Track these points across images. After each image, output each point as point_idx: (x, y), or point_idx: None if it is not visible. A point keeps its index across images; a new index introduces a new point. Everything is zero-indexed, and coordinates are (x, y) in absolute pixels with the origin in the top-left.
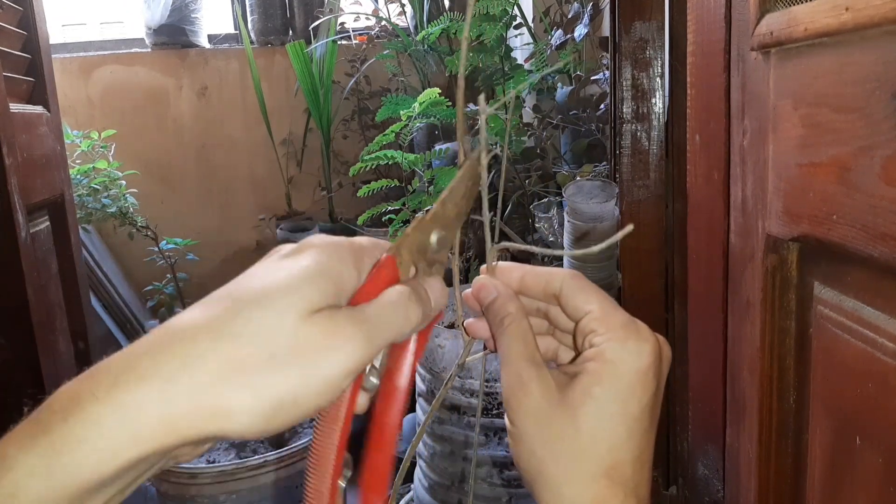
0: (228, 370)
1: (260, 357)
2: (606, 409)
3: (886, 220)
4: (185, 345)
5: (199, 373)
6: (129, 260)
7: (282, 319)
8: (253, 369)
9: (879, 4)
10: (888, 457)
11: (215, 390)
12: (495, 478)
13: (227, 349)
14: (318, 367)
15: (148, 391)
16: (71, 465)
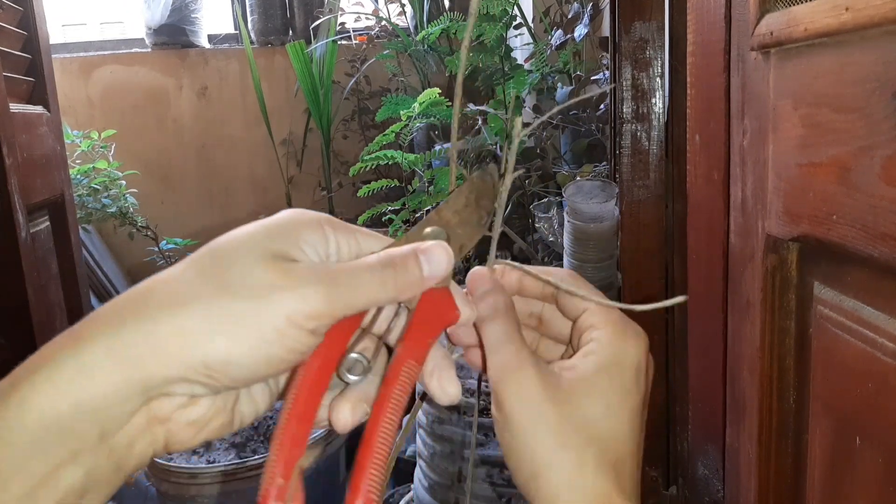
0: (189, 323)
1: (220, 296)
2: (611, 400)
3: (886, 220)
4: (148, 294)
5: (162, 323)
6: (129, 260)
7: (239, 259)
8: (215, 306)
9: (879, 4)
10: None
11: (178, 331)
12: (495, 477)
13: (189, 294)
14: (276, 302)
15: (108, 336)
16: (26, 401)
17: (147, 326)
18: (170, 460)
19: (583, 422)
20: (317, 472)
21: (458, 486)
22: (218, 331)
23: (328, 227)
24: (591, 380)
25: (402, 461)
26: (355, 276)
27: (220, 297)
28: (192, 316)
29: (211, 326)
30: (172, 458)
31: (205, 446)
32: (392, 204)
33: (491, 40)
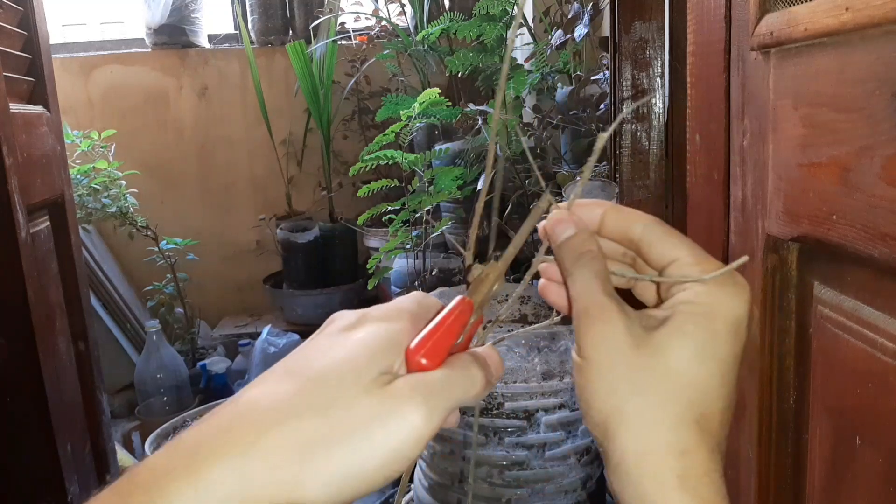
0: (299, 446)
1: (327, 432)
2: (701, 350)
3: (886, 220)
4: (255, 423)
5: (272, 448)
6: (129, 260)
7: (342, 393)
8: (321, 445)
9: (879, 4)
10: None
11: (287, 466)
12: (495, 478)
13: (295, 426)
14: (380, 438)
15: (223, 469)
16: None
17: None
18: None
19: (665, 372)
20: None
21: (458, 486)
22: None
23: (417, 320)
24: (680, 328)
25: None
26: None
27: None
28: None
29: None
30: None
31: None
32: (392, 204)
33: (491, 40)
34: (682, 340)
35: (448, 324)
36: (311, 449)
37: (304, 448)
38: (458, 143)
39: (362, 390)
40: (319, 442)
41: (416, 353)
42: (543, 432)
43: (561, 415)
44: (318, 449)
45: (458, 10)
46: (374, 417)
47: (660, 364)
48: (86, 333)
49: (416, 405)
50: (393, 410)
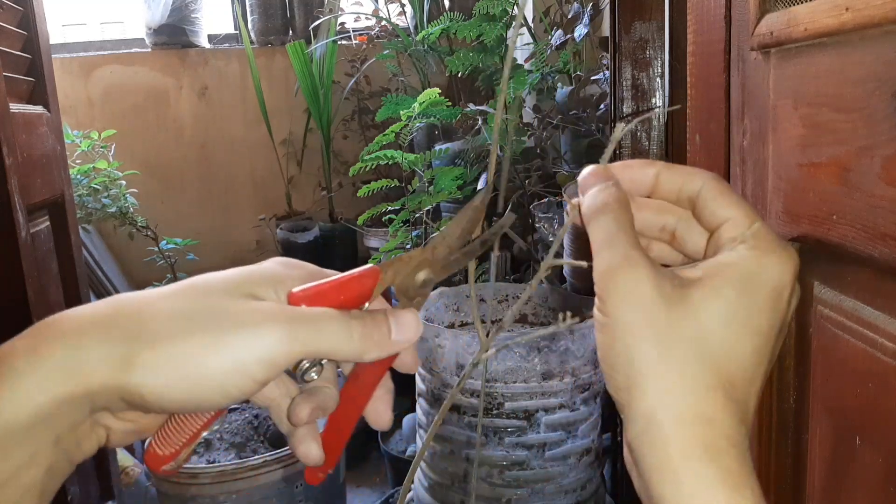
0: (141, 329)
1: (175, 321)
2: (737, 316)
3: (886, 220)
4: (110, 308)
5: (113, 330)
6: (129, 260)
7: (208, 297)
8: (164, 330)
9: (879, 4)
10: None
11: (122, 344)
12: (495, 478)
13: (147, 314)
14: (227, 340)
15: (60, 343)
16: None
17: (101, 347)
18: None
19: (695, 333)
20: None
21: (458, 486)
22: (161, 369)
23: (316, 279)
24: (716, 288)
25: (402, 461)
26: (320, 320)
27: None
28: (144, 346)
29: (156, 363)
30: None
31: (205, 446)
32: (392, 204)
33: (491, 40)
34: (718, 302)
35: (343, 281)
36: (153, 333)
37: (146, 331)
38: (458, 143)
39: (226, 296)
40: (163, 328)
41: (298, 295)
42: (543, 432)
43: (561, 415)
44: (159, 334)
45: (458, 10)
46: (228, 322)
47: (690, 325)
48: None
49: (277, 326)
50: (251, 321)
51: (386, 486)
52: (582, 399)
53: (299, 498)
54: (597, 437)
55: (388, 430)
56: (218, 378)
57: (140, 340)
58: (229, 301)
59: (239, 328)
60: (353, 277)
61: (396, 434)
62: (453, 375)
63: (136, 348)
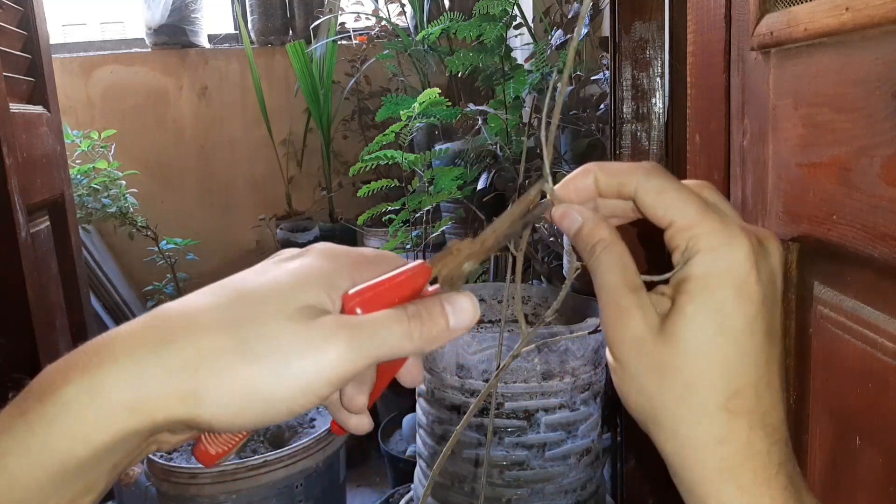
0: (201, 357)
1: (236, 348)
2: (705, 330)
3: (886, 220)
4: (161, 329)
5: (173, 357)
6: (129, 260)
7: (264, 315)
8: (227, 359)
9: (879, 4)
10: (888, 457)
11: (186, 375)
12: (495, 478)
13: (203, 337)
14: (293, 367)
15: (119, 374)
16: (46, 446)
17: (167, 383)
18: (170, 460)
19: (682, 362)
20: (317, 472)
21: (459, 486)
22: (229, 400)
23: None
24: (682, 312)
25: (402, 461)
26: (381, 329)
27: (238, 359)
28: (210, 377)
29: (224, 394)
30: (173, 459)
31: None
32: (392, 204)
33: (491, 40)
34: (687, 324)
35: (397, 281)
36: (216, 363)
37: (208, 360)
38: (458, 143)
39: (284, 315)
40: (225, 356)
41: (353, 299)
42: (543, 432)
43: (561, 415)
44: (222, 363)
45: (458, 10)
46: (291, 345)
47: (676, 355)
48: (86, 333)
49: (339, 343)
50: (314, 343)
51: (386, 485)
52: (582, 399)
53: (299, 498)
54: (597, 437)
55: (388, 431)
56: (286, 402)
57: (202, 370)
58: (286, 322)
59: (302, 353)
60: (406, 277)
61: (396, 434)
62: (453, 375)
63: (200, 380)
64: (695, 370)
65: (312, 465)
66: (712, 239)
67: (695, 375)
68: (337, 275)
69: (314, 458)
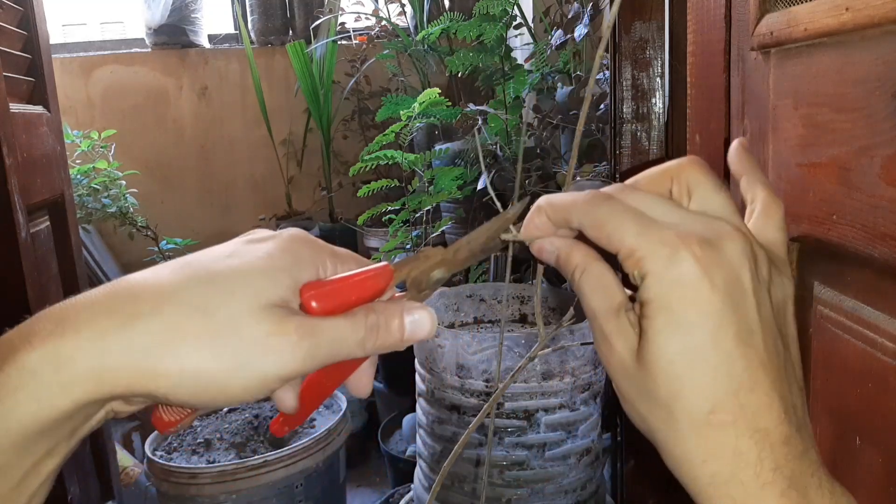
0: (166, 338)
1: (201, 332)
2: (669, 352)
3: (886, 220)
4: (127, 302)
5: (138, 334)
6: (129, 260)
7: (231, 305)
8: (191, 342)
9: (879, 4)
10: (888, 457)
11: (150, 354)
12: (495, 478)
13: (170, 316)
14: (252, 363)
15: (82, 344)
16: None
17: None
18: (170, 460)
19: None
20: (317, 472)
21: (458, 486)
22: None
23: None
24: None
25: (401, 461)
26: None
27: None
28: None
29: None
30: (172, 458)
31: (205, 446)
32: (392, 204)
33: (491, 40)
34: (652, 349)
35: (356, 280)
36: (180, 347)
37: (173, 342)
38: (458, 143)
39: (251, 311)
40: (190, 342)
41: (310, 290)
42: (543, 432)
43: (561, 415)
44: (187, 349)
45: (458, 10)
46: (255, 345)
47: (650, 379)
48: None
49: (299, 351)
50: (276, 347)
51: (386, 485)
52: (582, 399)
53: (299, 498)
54: (597, 437)
55: (388, 431)
56: (240, 392)
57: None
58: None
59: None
60: (367, 277)
61: (396, 434)
62: (453, 375)
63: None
64: (669, 393)
65: (312, 465)
66: (653, 261)
67: (670, 397)
68: (303, 265)
69: (314, 458)
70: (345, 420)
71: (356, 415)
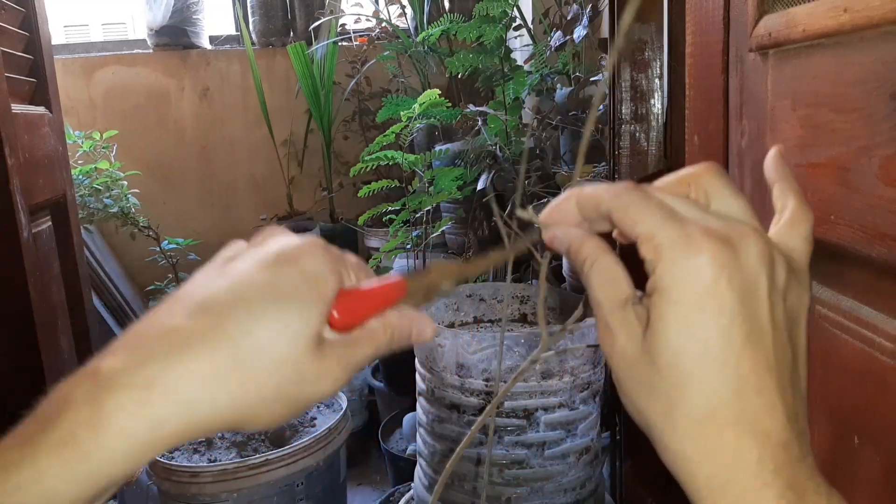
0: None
1: (261, 380)
2: (677, 345)
3: (885, 220)
4: (182, 353)
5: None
6: (130, 260)
7: (284, 345)
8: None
9: (878, 5)
10: (887, 457)
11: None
12: (495, 476)
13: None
14: (301, 396)
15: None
16: (93, 471)
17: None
18: (171, 459)
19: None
20: (317, 470)
21: (458, 484)
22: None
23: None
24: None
25: (402, 460)
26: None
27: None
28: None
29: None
30: (174, 457)
31: (206, 445)
32: (392, 204)
33: (491, 42)
34: (659, 342)
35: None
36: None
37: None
38: (458, 143)
39: (302, 347)
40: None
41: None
42: (543, 431)
43: (560, 414)
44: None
45: (458, 11)
46: (303, 380)
47: (655, 372)
48: (88, 333)
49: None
50: (320, 379)
51: (386, 484)
52: (581, 398)
53: (300, 497)
54: (596, 436)
55: (389, 430)
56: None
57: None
58: (304, 357)
59: (309, 386)
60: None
61: (397, 433)
62: (453, 374)
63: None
64: (673, 386)
65: (313, 464)
66: (671, 249)
67: (674, 392)
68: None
69: (315, 457)
70: (345, 419)
71: (356, 413)
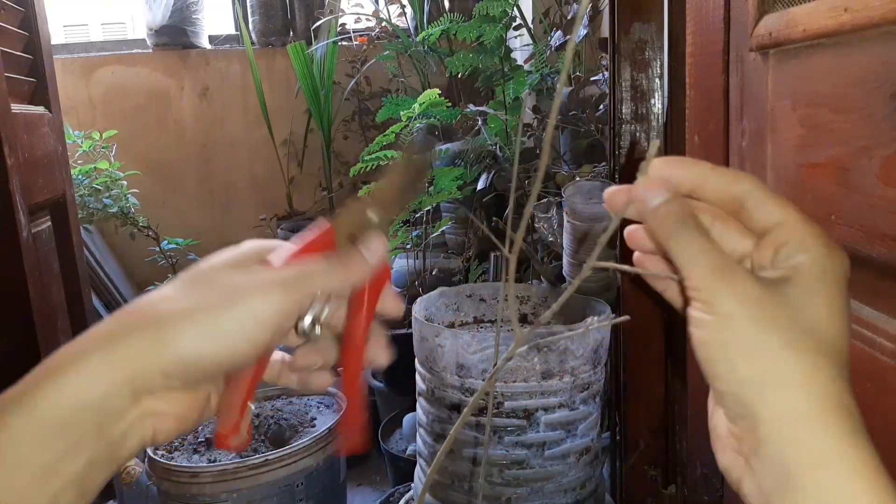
0: (162, 315)
1: (190, 299)
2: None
3: (885, 220)
4: (126, 311)
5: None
6: (130, 259)
7: (210, 273)
8: (185, 309)
9: (878, 5)
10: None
11: (152, 330)
12: (495, 476)
13: (164, 303)
14: (242, 300)
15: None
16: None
17: (133, 336)
18: (171, 459)
19: (809, 325)
20: (317, 471)
21: (458, 484)
22: (191, 333)
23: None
24: (812, 285)
25: (402, 460)
26: (303, 272)
27: (195, 304)
28: (169, 323)
29: (185, 330)
30: (173, 457)
31: (206, 445)
32: None
33: (491, 41)
34: (816, 298)
35: (308, 241)
36: (173, 314)
37: (165, 316)
38: (457, 143)
39: (225, 273)
40: (180, 308)
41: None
42: (543, 431)
43: (560, 414)
44: (179, 314)
45: (457, 11)
46: (238, 287)
47: (801, 318)
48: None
49: (276, 281)
50: (256, 283)
51: (386, 484)
52: (581, 398)
53: (300, 497)
54: (596, 436)
55: (388, 430)
56: (237, 330)
57: (165, 322)
58: (232, 274)
59: (248, 289)
60: (315, 238)
61: (396, 433)
62: (453, 375)
63: (163, 328)
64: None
65: (313, 464)
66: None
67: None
68: (264, 252)
69: (315, 457)
70: None
71: None
